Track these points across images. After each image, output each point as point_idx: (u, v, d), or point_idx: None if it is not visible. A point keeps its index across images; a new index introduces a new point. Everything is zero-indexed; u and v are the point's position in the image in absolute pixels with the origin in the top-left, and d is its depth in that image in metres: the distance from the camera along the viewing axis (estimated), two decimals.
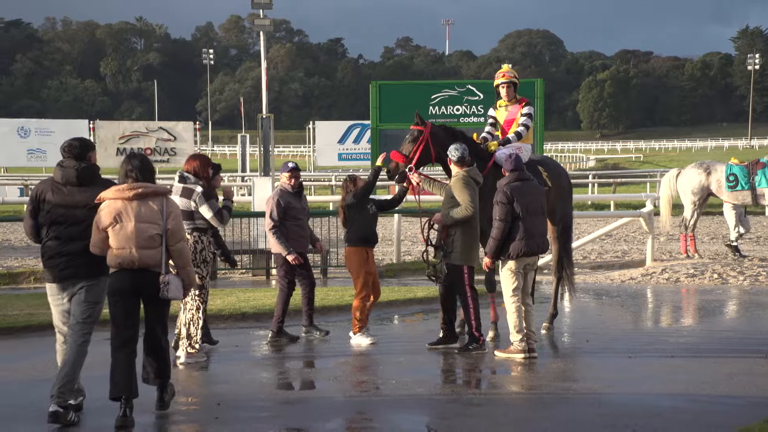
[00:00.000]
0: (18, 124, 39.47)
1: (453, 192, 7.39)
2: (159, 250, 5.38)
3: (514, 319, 7.18)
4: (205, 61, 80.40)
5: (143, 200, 5.39)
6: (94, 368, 5.95)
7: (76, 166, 5.48)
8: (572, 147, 73.79)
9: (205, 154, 7.94)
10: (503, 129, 8.41)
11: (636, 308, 10.26)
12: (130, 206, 5.36)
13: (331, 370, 7.03)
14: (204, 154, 8.02)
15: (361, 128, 39.47)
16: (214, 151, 65.56)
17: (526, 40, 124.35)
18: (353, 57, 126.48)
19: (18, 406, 5.89)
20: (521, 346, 7.14)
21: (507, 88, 8.36)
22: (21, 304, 9.71)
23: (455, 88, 16.53)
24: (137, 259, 5.34)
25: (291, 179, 8.01)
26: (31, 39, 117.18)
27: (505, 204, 7.14)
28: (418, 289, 11.03)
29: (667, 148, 74.17)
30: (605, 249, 16.29)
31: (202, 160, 7.23)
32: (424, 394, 6.17)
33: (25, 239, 18.88)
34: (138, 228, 5.33)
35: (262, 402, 5.99)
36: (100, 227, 5.34)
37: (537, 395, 6.22)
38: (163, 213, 5.40)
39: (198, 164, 7.13)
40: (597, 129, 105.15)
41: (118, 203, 5.36)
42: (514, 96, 8.41)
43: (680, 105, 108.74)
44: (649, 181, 30.42)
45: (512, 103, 8.40)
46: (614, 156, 66.82)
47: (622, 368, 6.94)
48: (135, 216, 5.34)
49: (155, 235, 5.36)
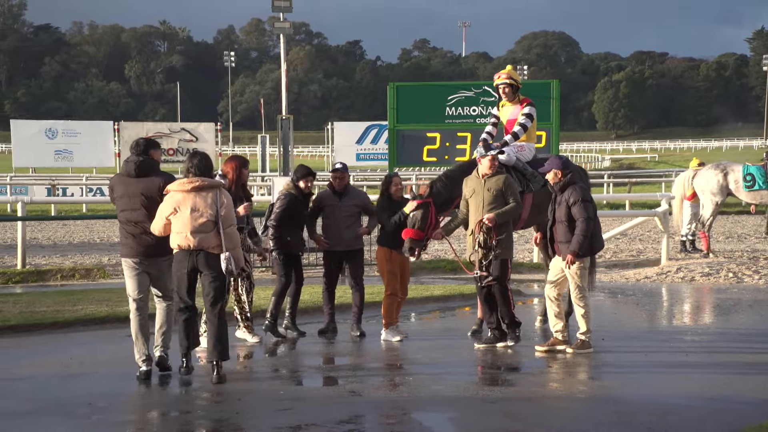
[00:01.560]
0: (46, 125, 39.82)
1: (502, 189, 7.42)
2: (211, 234, 6.20)
3: (586, 315, 7.23)
4: (226, 64, 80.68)
5: (199, 192, 6.22)
6: (111, 366, 5.98)
7: (135, 161, 6.39)
8: (587, 147, 73.36)
9: (241, 156, 8.12)
10: (505, 128, 8.41)
11: (651, 307, 10.18)
12: (188, 197, 6.20)
13: (349, 367, 7.03)
14: (238, 155, 8.16)
15: (378, 129, 39.42)
16: (235, 151, 65.82)
17: (542, 42, 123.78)
18: (371, 59, 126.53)
19: (44, 401, 5.92)
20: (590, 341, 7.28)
21: (504, 89, 8.35)
22: (48, 301, 9.79)
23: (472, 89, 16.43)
24: (192, 241, 6.18)
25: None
26: (59, 43, 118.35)
27: (589, 201, 7.20)
28: (435, 287, 11.01)
29: (682, 148, 73.52)
30: (620, 248, 16.17)
31: (231, 161, 7.60)
32: (441, 390, 6.15)
33: (53, 237, 19.06)
34: (192, 216, 6.17)
35: (280, 397, 5.99)
36: (163, 214, 6.21)
37: (553, 392, 6.18)
38: (216, 203, 6.22)
39: (228, 165, 7.54)
40: (612, 129, 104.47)
41: (179, 194, 6.22)
42: (515, 96, 8.39)
43: (696, 105, 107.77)
44: (664, 181, 30.17)
45: (515, 103, 8.38)
46: (629, 156, 66.36)
47: (638, 366, 6.88)
48: (191, 206, 6.18)
49: (207, 221, 6.18)
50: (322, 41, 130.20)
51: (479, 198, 7.49)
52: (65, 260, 14.53)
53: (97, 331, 8.19)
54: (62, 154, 38.43)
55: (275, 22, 21.11)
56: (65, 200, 26.47)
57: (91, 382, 6.53)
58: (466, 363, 7.17)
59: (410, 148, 12.56)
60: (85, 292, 10.77)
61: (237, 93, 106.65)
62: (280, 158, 15.49)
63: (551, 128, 12.29)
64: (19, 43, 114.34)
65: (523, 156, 8.21)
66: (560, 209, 7.21)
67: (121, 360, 7.10)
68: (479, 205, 7.48)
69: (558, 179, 7.25)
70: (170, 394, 6.26)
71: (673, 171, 34.15)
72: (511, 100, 8.36)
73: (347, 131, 41.07)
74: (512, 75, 8.39)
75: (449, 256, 14.22)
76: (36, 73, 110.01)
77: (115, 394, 6.16)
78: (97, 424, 5.44)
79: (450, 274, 13.05)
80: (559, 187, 7.25)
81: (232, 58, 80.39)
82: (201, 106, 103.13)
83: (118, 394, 6.14)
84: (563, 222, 7.18)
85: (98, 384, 6.53)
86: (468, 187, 7.60)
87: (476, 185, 7.55)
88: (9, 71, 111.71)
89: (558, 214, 7.22)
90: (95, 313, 8.74)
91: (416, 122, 13.30)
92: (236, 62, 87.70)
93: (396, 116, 16.40)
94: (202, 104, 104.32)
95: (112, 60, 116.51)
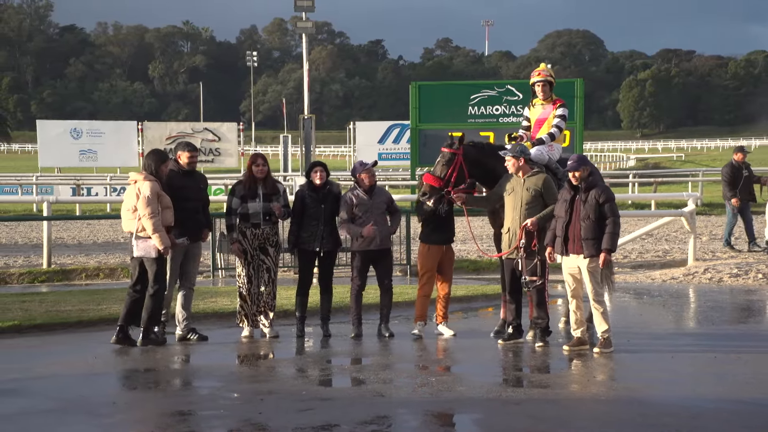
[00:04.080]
0: (71, 125, 40.27)
1: (541, 189, 7.42)
2: (135, 222, 7.57)
3: (605, 313, 7.25)
4: (248, 63, 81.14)
5: (134, 185, 7.53)
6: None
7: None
8: (612, 146, 72.78)
9: (260, 153, 8.25)
10: (534, 128, 8.34)
11: (678, 308, 10.06)
12: (130, 190, 7.60)
13: (372, 367, 7.02)
14: (256, 153, 8.37)
15: (401, 128, 39.38)
16: (257, 151, 66.05)
17: (566, 40, 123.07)
18: (393, 58, 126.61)
19: (68, 400, 5.98)
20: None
21: (542, 87, 8.28)
22: (73, 300, 9.90)
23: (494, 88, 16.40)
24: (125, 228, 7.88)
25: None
26: (84, 43, 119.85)
27: (614, 200, 7.20)
28: (457, 287, 10.96)
29: (709, 147, 72.61)
30: (646, 248, 16.01)
31: (250, 158, 8.00)
32: (464, 391, 6.13)
33: (77, 237, 19.27)
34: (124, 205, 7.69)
35: (302, 397, 6.00)
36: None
37: (577, 394, 6.13)
38: (138, 194, 7.47)
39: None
40: (637, 128, 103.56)
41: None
42: (550, 95, 8.33)
43: (724, 104, 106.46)
44: (690, 181, 29.83)
45: (547, 103, 8.32)
46: (655, 155, 65.70)
47: (664, 368, 6.80)
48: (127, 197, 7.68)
49: (129, 211, 7.64)
50: (344, 41, 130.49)
51: (517, 197, 7.47)
52: (90, 260, 14.68)
53: None
54: (87, 154, 38.83)
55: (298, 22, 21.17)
56: (90, 200, 26.74)
57: (115, 381, 6.60)
58: (489, 364, 7.14)
59: (432, 148, 12.55)
60: (109, 291, 10.88)
61: (259, 93, 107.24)
62: (302, 158, 15.53)
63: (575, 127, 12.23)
64: (45, 44, 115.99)
65: (552, 155, 8.17)
66: (587, 207, 7.16)
67: (145, 359, 7.16)
68: (516, 204, 7.46)
69: (583, 178, 7.20)
70: (193, 394, 6.30)
71: (699, 171, 33.74)
72: (546, 99, 8.31)
73: (369, 131, 41.06)
74: (550, 72, 8.35)
75: (471, 256, 14.16)
76: (61, 73, 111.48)
77: (139, 393, 6.20)
78: (121, 423, 5.48)
79: (473, 274, 13.00)
80: (584, 186, 7.21)
81: (254, 58, 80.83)
82: (223, 105, 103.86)
83: (141, 393, 6.19)
84: (590, 220, 7.14)
85: (122, 383, 6.59)
86: (506, 184, 7.59)
87: (515, 183, 7.53)
88: (35, 72, 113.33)
89: (583, 213, 7.17)
90: (119, 313, 8.81)
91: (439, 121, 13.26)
92: (258, 62, 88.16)
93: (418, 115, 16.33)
94: (224, 104, 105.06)
95: (136, 60, 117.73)
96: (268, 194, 7.91)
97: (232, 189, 8.14)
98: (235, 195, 7.98)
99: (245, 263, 7.93)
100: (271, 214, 7.92)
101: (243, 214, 7.92)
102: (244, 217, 7.92)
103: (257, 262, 7.94)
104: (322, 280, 8.14)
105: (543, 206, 7.45)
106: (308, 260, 8.07)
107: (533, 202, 7.41)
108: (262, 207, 7.88)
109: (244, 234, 7.92)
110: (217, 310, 9.13)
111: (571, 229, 7.22)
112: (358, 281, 8.08)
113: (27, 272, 12.75)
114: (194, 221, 7.85)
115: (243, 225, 7.93)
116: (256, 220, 7.91)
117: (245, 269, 7.94)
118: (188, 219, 7.76)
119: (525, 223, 7.39)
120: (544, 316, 7.55)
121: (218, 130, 37.70)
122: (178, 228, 7.66)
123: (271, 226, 7.96)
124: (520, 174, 7.52)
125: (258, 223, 7.90)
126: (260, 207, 7.88)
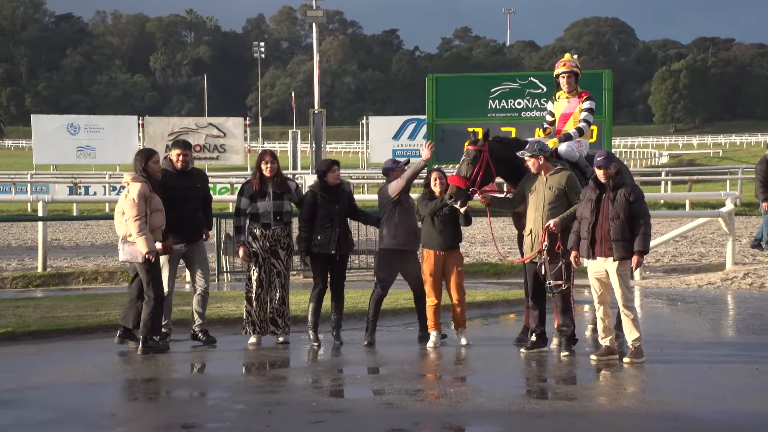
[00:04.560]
0: (67, 120, 40.59)
1: (564, 187, 7.40)
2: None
3: (636, 320, 7.25)
4: (255, 55, 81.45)
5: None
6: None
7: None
8: (643, 142, 72.38)
9: (269, 150, 8.37)
10: (559, 123, 8.31)
11: (715, 315, 10.00)
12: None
13: (386, 378, 7.03)
14: (265, 150, 8.49)
15: (416, 123, 39.43)
16: (265, 147, 66.36)
17: (594, 29, 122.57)
18: (409, 49, 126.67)
19: (65, 410, 6.03)
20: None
21: (567, 78, 8.26)
22: (70, 306, 9.97)
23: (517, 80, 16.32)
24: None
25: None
26: (82, 33, 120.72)
27: (644, 198, 7.21)
28: (477, 292, 10.96)
29: (750, 142, 71.93)
30: (680, 251, 15.93)
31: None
32: (484, 403, 6.12)
33: (74, 239, 19.42)
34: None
35: (312, 408, 6.02)
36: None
37: (606, 407, 6.11)
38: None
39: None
40: (671, 123, 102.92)
41: None
42: (575, 88, 8.30)
43: (766, 96, 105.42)
44: (729, 179, 29.64)
45: (572, 96, 8.30)
46: (690, 152, 65.30)
47: (701, 380, 6.76)
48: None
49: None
50: (356, 30, 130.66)
51: (539, 196, 7.47)
52: (88, 263, 14.79)
53: None
54: (84, 151, 39.14)
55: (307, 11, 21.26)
56: (88, 199, 26.98)
57: (115, 391, 6.64)
58: (511, 374, 7.13)
59: (451, 144, 12.53)
60: (108, 296, 10.95)
61: (267, 86, 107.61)
62: (311, 155, 15.58)
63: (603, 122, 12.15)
64: (40, 33, 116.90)
65: (581, 152, 8.15)
66: (615, 207, 7.15)
67: (146, 368, 7.20)
68: (539, 204, 7.46)
69: (611, 176, 7.18)
70: (197, 405, 6.34)
71: (739, 168, 33.50)
72: (571, 92, 8.29)
73: (383, 126, 41.14)
74: (575, 63, 8.34)
75: (492, 258, 14.15)
76: (57, 65, 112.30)
77: (140, 403, 6.24)
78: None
79: (493, 279, 13.00)
80: (612, 185, 7.19)
81: (261, 49, 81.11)
82: (229, 99, 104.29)
83: (142, 404, 6.23)
84: (620, 219, 7.13)
85: (122, 393, 6.64)
86: (529, 183, 7.59)
87: (537, 182, 7.54)
88: (30, 63, 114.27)
89: (612, 213, 7.15)
90: (119, 319, 8.87)
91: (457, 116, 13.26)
92: (266, 53, 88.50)
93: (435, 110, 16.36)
94: (230, 98, 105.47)
95: (137, 51, 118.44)
96: (278, 192, 7.97)
97: (240, 188, 8.23)
98: (243, 195, 8.04)
99: (256, 266, 7.98)
100: (282, 214, 7.96)
101: (253, 214, 7.99)
102: (254, 217, 7.99)
103: (268, 265, 7.98)
104: (334, 285, 8.17)
105: (567, 206, 7.43)
106: (323, 265, 8.09)
107: (556, 202, 7.40)
108: (273, 206, 7.93)
109: (254, 236, 7.98)
110: (223, 316, 9.18)
111: (598, 230, 7.19)
112: (385, 286, 8.12)
113: (21, 276, 12.86)
114: (193, 221, 7.95)
115: (253, 225, 8.00)
116: (267, 220, 7.96)
117: (256, 272, 7.99)
118: (186, 219, 7.86)
119: (548, 224, 7.38)
120: (569, 323, 7.54)
121: (223, 125, 37.88)
122: (175, 230, 7.76)
123: (282, 227, 8.00)
124: (542, 173, 7.51)
125: (268, 223, 7.95)
126: (270, 206, 7.93)
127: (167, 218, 7.65)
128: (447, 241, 7.89)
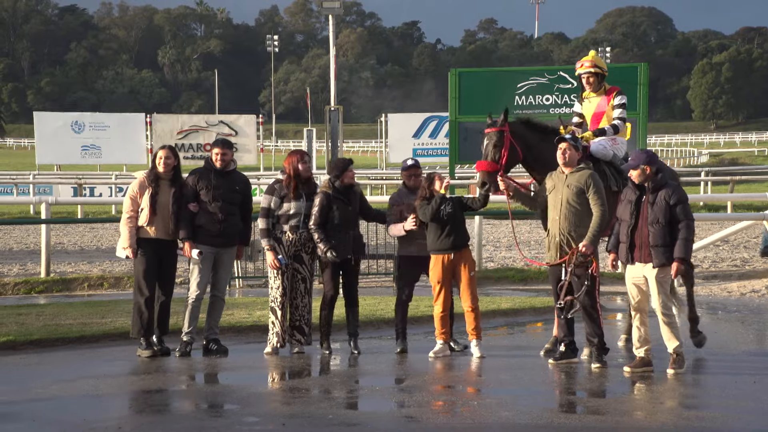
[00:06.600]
0: (72, 118, 40.96)
1: (583, 186, 7.33)
2: None
3: (676, 327, 7.24)
4: (269, 49, 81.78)
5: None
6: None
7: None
8: (681, 140, 71.85)
9: (302, 150, 8.42)
10: (591, 125, 8.25)
11: (760, 325, 9.92)
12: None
13: (406, 389, 7.04)
14: (299, 149, 8.57)
15: (438, 121, 39.44)
16: (278, 146, 66.64)
17: (629, 20, 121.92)
18: (430, 42, 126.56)
19: (70, 423, 6.05)
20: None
21: (588, 78, 8.23)
22: (74, 313, 10.05)
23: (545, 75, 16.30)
24: None
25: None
26: (87, 26, 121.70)
27: (687, 201, 7.17)
28: (502, 299, 10.94)
29: None
30: (721, 257, 15.80)
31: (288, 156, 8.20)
32: (510, 417, 6.11)
33: (79, 243, 19.58)
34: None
35: (329, 422, 6.03)
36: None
37: (641, 422, 6.07)
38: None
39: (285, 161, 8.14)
40: (711, 119, 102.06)
41: None
42: (601, 86, 8.26)
43: None
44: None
45: (599, 94, 8.26)
46: (732, 150, 64.76)
47: (745, 394, 6.70)
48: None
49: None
50: (375, 22, 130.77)
51: (558, 195, 7.44)
52: (93, 267, 14.90)
53: (127, 347, 8.34)
54: (90, 150, 39.46)
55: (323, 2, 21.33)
56: (93, 201, 27.16)
57: (121, 403, 6.69)
58: (539, 386, 7.11)
59: (474, 143, 12.50)
60: (114, 303, 11.04)
61: (281, 81, 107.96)
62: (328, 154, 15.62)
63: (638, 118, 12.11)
64: (43, 26, 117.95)
65: (618, 151, 8.10)
66: (655, 210, 7.10)
67: (154, 379, 7.25)
68: (557, 203, 7.43)
69: (649, 176, 7.13)
70: (207, 417, 6.36)
71: None
72: (596, 91, 8.26)
73: (403, 124, 41.17)
74: (597, 62, 8.28)
75: (518, 264, 14.11)
76: (61, 59, 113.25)
77: (147, 416, 6.28)
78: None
79: (519, 285, 12.97)
80: (652, 187, 7.14)
81: (275, 43, 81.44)
82: (241, 96, 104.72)
83: (150, 417, 6.26)
84: (659, 224, 7.08)
85: (129, 405, 6.68)
86: (549, 181, 7.57)
87: (557, 180, 7.51)
88: (32, 58, 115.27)
89: (651, 216, 7.11)
90: (125, 327, 8.92)
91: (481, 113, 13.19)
92: (280, 47, 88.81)
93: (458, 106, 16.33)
94: (242, 94, 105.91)
95: (144, 45, 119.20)
96: (309, 193, 8.02)
97: (270, 188, 8.14)
98: (274, 194, 8.02)
99: (278, 272, 7.98)
100: (309, 216, 7.97)
101: (282, 215, 7.96)
102: (284, 218, 7.97)
103: (291, 271, 8.01)
104: (348, 292, 8.18)
105: (587, 206, 7.34)
106: (335, 270, 8.12)
107: (575, 201, 7.33)
108: (305, 207, 7.95)
109: (279, 240, 7.99)
110: (234, 324, 9.22)
111: (638, 234, 7.15)
112: (409, 291, 8.13)
113: (23, 282, 12.98)
114: (227, 224, 7.98)
115: (277, 230, 8.00)
116: (296, 222, 7.94)
117: (278, 279, 7.99)
118: (220, 222, 7.91)
119: (577, 248, 7.30)
120: (597, 331, 7.48)
121: (235, 123, 38.04)
122: (205, 232, 7.88)
123: (307, 231, 7.99)
124: (566, 169, 7.45)
125: (297, 225, 7.95)
126: (303, 207, 7.94)
127: (202, 218, 7.84)
128: (456, 240, 7.82)
